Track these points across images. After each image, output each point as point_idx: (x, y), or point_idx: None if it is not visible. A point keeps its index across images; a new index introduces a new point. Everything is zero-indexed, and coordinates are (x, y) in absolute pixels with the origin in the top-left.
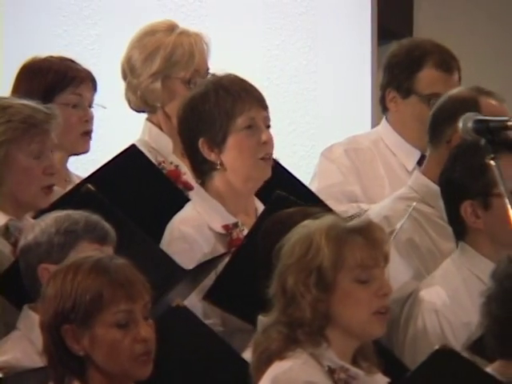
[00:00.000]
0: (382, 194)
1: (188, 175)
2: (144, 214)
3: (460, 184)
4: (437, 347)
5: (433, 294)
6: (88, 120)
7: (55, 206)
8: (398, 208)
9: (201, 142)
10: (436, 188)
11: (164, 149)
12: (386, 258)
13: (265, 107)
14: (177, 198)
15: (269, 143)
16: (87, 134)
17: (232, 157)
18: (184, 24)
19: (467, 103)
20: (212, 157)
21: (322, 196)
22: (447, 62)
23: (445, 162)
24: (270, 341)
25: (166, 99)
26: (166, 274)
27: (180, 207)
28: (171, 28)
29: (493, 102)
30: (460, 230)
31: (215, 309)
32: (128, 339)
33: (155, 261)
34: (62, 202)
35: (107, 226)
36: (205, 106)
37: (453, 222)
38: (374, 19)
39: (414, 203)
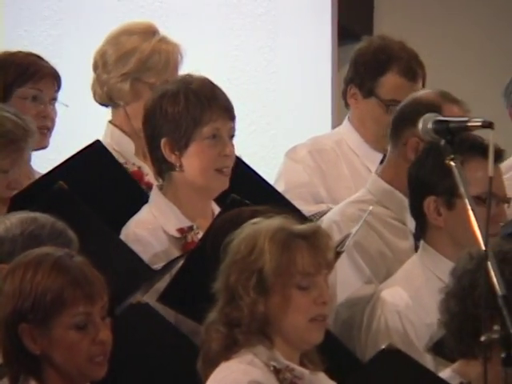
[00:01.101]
0: (348, 195)
1: (151, 176)
2: (105, 211)
3: (428, 179)
4: (383, 347)
5: (395, 295)
6: (46, 116)
7: (24, 201)
8: (348, 212)
9: (163, 141)
10: (392, 190)
11: (126, 150)
12: (329, 265)
13: (232, 118)
14: (138, 195)
15: (229, 157)
16: (44, 129)
17: (191, 163)
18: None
19: (430, 108)
20: (172, 158)
21: (289, 197)
22: (413, 70)
23: (417, 156)
24: (211, 340)
25: (131, 100)
26: (134, 273)
27: (141, 204)
28: (150, 31)
29: (456, 109)
30: (421, 226)
31: (170, 311)
32: (86, 341)
33: (124, 260)
34: (33, 199)
35: (71, 234)
36: (173, 108)
37: (416, 216)
38: (334, 19)
39: (371, 207)
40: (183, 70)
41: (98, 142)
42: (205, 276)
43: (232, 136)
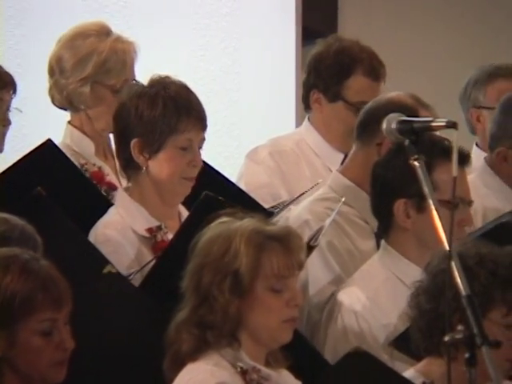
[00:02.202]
0: (309, 196)
1: (111, 176)
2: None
3: (398, 181)
4: (350, 350)
5: (352, 296)
6: (5, 125)
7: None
8: (317, 210)
9: (134, 141)
10: (355, 187)
11: (86, 151)
12: (301, 266)
13: (204, 128)
14: (92, 193)
15: (197, 167)
16: (2, 136)
17: (159, 168)
18: (108, 24)
19: (408, 112)
20: (140, 159)
21: None
22: (376, 70)
23: (386, 155)
24: (182, 341)
25: (92, 104)
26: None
27: (95, 201)
28: (104, 32)
29: (428, 115)
30: (386, 226)
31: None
32: (50, 347)
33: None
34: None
35: (39, 238)
36: (150, 111)
37: (381, 216)
38: (298, 19)
39: (343, 198)
40: (150, 71)
41: (48, 140)
42: (180, 276)
43: (201, 146)
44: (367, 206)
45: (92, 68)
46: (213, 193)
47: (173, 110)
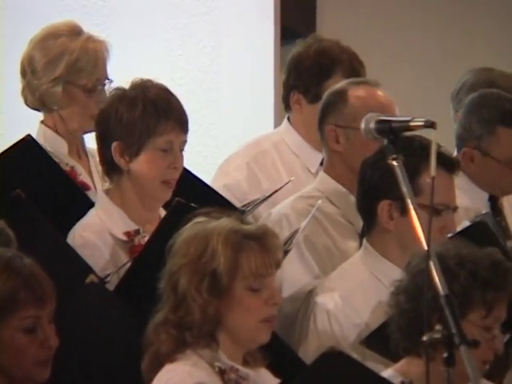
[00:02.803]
0: (286, 197)
1: (84, 176)
2: (40, 205)
3: (383, 183)
4: (324, 349)
5: (326, 295)
6: None
7: None
8: (298, 206)
9: (115, 144)
10: (341, 188)
11: (59, 151)
12: (278, 265)
13: (185, 131)
14: (71, 189)
15: (178, 170)
16: None
17: (139, 171)
18: (87, 24)
19: (338, 96)
20: (121, 162)
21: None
22: (356, 71)
23: (373, 155)
24: (160, 342)
25: (64, 104)
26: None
27: (72, 198)
28: (75, 31)
29: (361, 92)
30: (369, 225)
31: None
32: (34, 345)
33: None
34: None
35: (11, 233)
36: (130, 114)
37: (365, 215)
38: (277, 19)
39: (320, 201)
40: (128, 71)
41: (28, 136)
42: (154, 279)
43: (183, 149)
44: (352, 207)
45: (63, 68)
46: (186, 192)
47: (152, 113)
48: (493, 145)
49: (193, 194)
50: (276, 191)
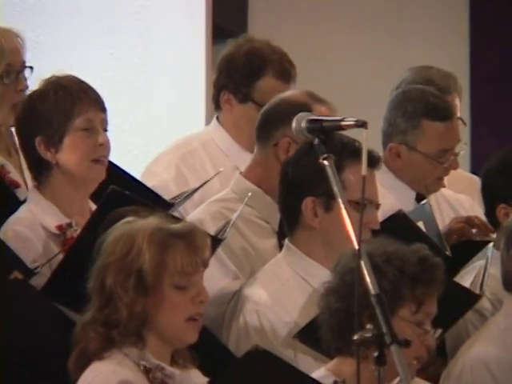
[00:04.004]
0: (213, 195)
1: (14, 173)
2: None
3: (307, 180)
4: (249, 348)
5: (255, 294)
6: None
7: None
8: (212, 210)
9: (38, 140)
10: (256, 189)
11: None
12: (206, 263)
13: (103, 109)
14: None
15: (105, 146)
16: None
17: (67, 157)
18: (17, 22)
19: (300, 108)
20: (48, 156)
21: None
22: (287, 72)
23: (294, 153)
24: (88, 340)
25: None
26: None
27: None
28: None
29: (324, 110)
30: (293, 224)
31: None
32: None
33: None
34: None
35: None
36: (43, 106)
37: (288, 214)
38: (208, 18)
39: (248, 195)
40: (59, 70)
41: None
42: (87, 271)
43: (105, 128)
44: (267, 206)
45: None
46: (115, 186)
47: (64, 97)
48: (418, 139)
49: (122, 188)
50: (206, 182)
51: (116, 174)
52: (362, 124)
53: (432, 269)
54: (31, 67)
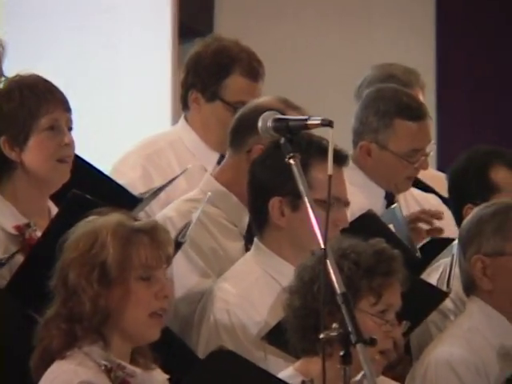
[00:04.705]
0: (180, 195)
1: None
2: None
3: (273, 180)
4: (214, 349)
5: (224, 293)
6: None
7: None
8: (182, 209)
9: (2, 140)
10: (225, 191)
11: None
12: (169, 260)
13: (68, 109)
14: None
15: (70, 146)
16: None
17: (32, 157)
18: None
19: None
20: (13, 155)
21: None
22: (255, 70)
23: (260, 154)
24: (51, 337)
25: None
26: None
27: None
28: None
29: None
30: (261, 224)
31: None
32: None
33: None
34: None
35: None
36: (9, 105)
37: (256, 214)
38: (175, 17)
39: (209, 193)
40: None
41: None
42: (49, 272)
43: (70, 127)
44: (236, 210)
45: None
46: (86, 185)
47: (30, 96)
48: (390, 138)
49: (89, 183)
50: (174, 179)
51: (83, 168)
52: (327, 123)
53: (388, 260)
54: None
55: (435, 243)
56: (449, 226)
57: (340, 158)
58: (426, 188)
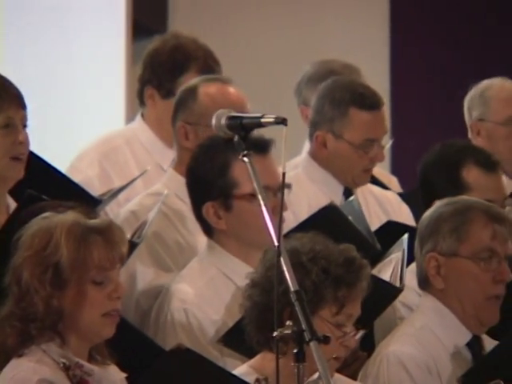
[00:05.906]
0: (136, 194)
1: None
2: None
3: (203, 184)
4: (172, 347)
5: (181, 293)
6: None
7: None
8: (146, 203)
9: None
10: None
11: None
12: (123, 259)
13: (23, 106)
14: None
15: (24, 143)
16: None
17: None
18: None
19: (189, 90)
20: None
21: None
22: (211, 69)
23: (192, 159)
24: (5, 336)
25: None
26: None
27: None
28: None
29: (212, 90)
30: (206, 229)
31: None
32: None
33: None
34: None
35: None
36: None
37: (199, 220)
38: (129, 15)
39: (166, 191)
40: None
41: None
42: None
43: (25, 124)
44: None
45: None
46: (43, 184)
47: None
48: (345, 127)
49: (46, 182)
50: (133, 180)
51: (39, 166)
52: (281, 121)
53: (357, 271)
54: None
55: (392, 226)
56: (408, 222)
57: (261, 147)
58: (383, 186)
